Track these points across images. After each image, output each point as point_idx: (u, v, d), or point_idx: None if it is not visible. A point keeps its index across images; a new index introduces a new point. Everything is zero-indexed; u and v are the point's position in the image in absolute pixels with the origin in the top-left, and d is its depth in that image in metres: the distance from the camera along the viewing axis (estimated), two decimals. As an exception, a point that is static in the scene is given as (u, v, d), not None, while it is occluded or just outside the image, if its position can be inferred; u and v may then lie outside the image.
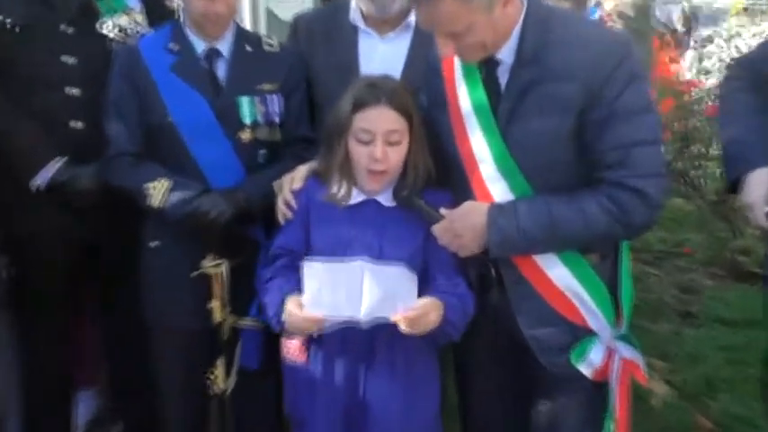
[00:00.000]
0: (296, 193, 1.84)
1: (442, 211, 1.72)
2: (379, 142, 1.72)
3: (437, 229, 1.72)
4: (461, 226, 1.67)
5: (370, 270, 1.61)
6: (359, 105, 1.73)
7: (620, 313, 1.75)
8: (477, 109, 1.69)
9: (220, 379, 2.07)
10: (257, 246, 2.01)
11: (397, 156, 1.75)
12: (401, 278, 1.63)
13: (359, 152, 1.75)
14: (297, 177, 1.86)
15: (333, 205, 1.79)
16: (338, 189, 1.79)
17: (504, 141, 1.65)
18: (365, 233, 1.76)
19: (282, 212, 1.85)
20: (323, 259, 1.68)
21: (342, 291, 1.61)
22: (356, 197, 1.79)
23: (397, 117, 1.73)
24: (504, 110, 1.65)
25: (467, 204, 1.69)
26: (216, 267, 2.00)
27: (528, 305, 1.71)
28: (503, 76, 1.66)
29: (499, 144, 1.66)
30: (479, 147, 1.69)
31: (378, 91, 1.73)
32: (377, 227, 1.77)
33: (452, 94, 1.74)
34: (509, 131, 1.65)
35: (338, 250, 1.75)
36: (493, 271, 1.74)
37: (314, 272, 1.63)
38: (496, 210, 1.65)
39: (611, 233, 1.63)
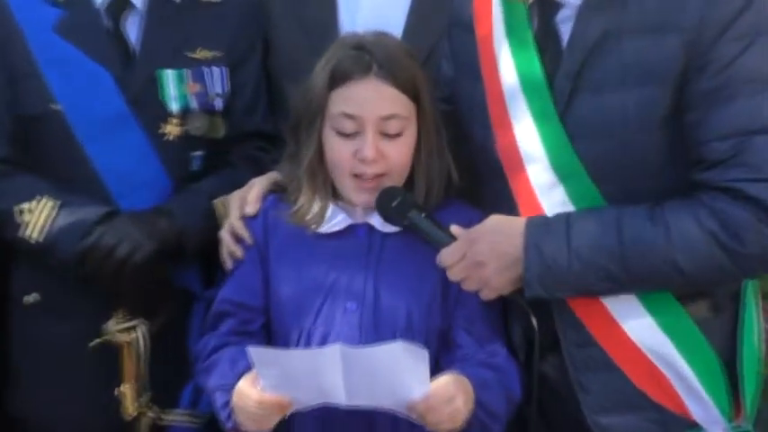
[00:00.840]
0: (249, 220, 1.83)
1: (453, 229, 1.70)
2: (369, 134, 1.71)
3: (445, 255, 1.70)
4: (483, 250, 1.66)
5: (353, 356, 1.57)
6: (339, 78, 1.72)
7: (740, 397, 1.72)
8: (527, 81, 1.70)
9: (135, 504, 2.04)
10: (190, 299, 2.01)
11: (397, 154, 1.75)
12: (403, 356, 1.59)
13: (339, 149, 1.74)
14: (250, 196, 1.86)
15: (303, 234, 1.78)
16: (307, 205, 1.77)
17: (564, 127, 1.65)
18: (353, 275, 1.75)
19: (229, 249, 1.85)
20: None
21: (313, 378, 1.59)
22: (336, 218, 1.78)
23: (398, 95, 1.73)
24: (566, 77, 1.65)
25: (492, 219, 1.69)
26: (127, 333, 1.98)
27: (595, 378, 1.70)
28: (564, 26, 1.68)
29: (557, 132, 1.66)
30: (527, 138, 1.69)
31: (367, 56, 1.72)
32: (370, 265, 1.76)
33: (489, 58, 1.76)
34: (571, 111, 1.65)
35: (312, 301, 1.74)
36: (534, 322, 1.71)
37: (268, 358, 1.61)
38: (539, 223, 1.65)
39: (712, 265, 1.60)
